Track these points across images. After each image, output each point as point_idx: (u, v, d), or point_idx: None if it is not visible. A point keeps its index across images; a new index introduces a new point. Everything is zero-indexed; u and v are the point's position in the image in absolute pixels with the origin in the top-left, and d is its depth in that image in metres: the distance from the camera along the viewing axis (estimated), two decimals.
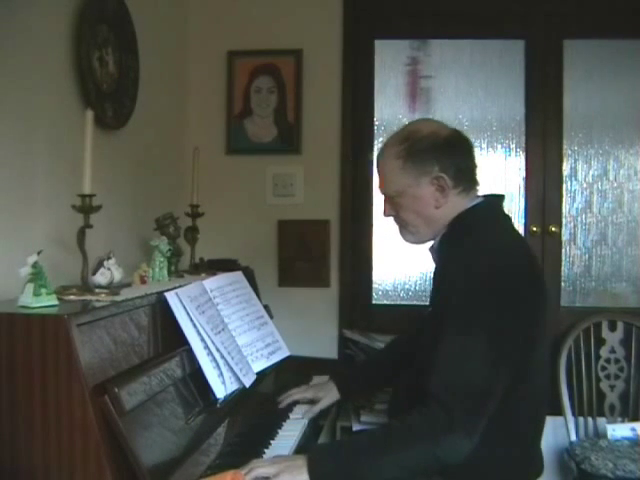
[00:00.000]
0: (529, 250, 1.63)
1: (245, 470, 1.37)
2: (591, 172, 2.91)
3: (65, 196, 1.62)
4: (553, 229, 2.88)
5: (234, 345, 1.76)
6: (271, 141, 2.90)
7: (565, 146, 2.89)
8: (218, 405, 1.62)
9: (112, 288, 1.58)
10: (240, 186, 2.91)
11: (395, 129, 2.86)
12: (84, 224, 1.53)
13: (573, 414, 2.66)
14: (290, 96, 2.88)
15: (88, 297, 1.49)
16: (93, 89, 1.95)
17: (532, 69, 2.89)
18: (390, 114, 2.96)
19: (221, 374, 1.63)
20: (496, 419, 1.45)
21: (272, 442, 1.66)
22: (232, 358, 1.68)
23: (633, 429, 2.56)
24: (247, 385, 1.72)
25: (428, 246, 1.73)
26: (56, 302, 1.39)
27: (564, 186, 2.90)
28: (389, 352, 2.07)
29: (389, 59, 2.96)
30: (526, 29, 2.89)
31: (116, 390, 1.23)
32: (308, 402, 1.93)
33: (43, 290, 1.36)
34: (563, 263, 2.90)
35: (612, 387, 2.72)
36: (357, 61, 2.90)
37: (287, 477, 1.37)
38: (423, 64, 2.97)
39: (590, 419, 2.68)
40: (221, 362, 1.63)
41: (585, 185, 2.92)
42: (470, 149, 1.66)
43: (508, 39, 2.91)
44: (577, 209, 2.92)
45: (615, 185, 2.91)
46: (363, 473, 1.40)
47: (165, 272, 1.96)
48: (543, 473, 1.64)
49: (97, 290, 1.54)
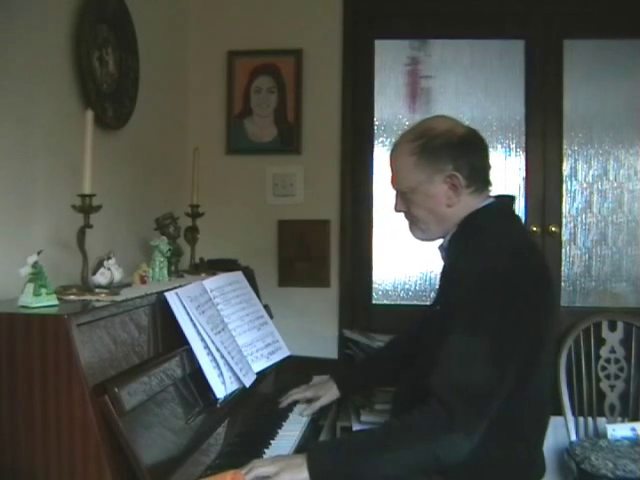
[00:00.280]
0: (539, 252, 1.61)
1: (245, 470, 1.37)
2: (591, 172, 2.91)
3: (65, 196, 1.62)
4: (553, 229, 2.87)
5: (234, 345, 1.76)
6: (271, 141, 2.90)
7: (565, 146, 2.89)
8: (218, 405, 1.62)
9: (112, 288, 1.58)
10: (240, 186, 2.91)
11: (395, 129, 2.94)
12: (84, 224, 1.54)
13: (573, 414, 2.66)
14: (290, 96, 2.88)
15: (88, 297, 1.49)
16: (93, 89, 1.95)
17: (532, 69, 2.89)
18: (390, 114, 2.96)
19: (221, 374, 1.63)
20: (500, 420, 1.45)
21: (272, 442, 1.66)
22: (232, 358, 1.68)
23: (633, 429, 2.56)
24: (247, 385, 1.72)
25: (429, 245, 1.73)
26: (56, 302, 1.39)
27: (564, 186, 2.90)
28: (389, 350, 2.07)
29: (389, 59, 2.96)
30: (526, 29, 2.89)
31: (116, 390, 1.23)
32: (308, 401, 1.93)
33: (43, 290, 1.36)
34: (563, 263, 2.90)
35: (612, 387, 2.72)
36: (357, 61, 2.90)
37: (287, 475, 1.37)
38: (423, 64, 2.97)
39: (590, 419, 2.68)
40: (221, 362, 1.64)
41: (585, 185, 2.92)
42: (485, 149, 1.65)
43: (508, 39, 2.91)
44: (577, 209, 2.92)
45: (615, 185, 2.91)
46: (362, 471, 1.40)
47: (165, 272, 1.96)
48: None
49: (97, 290, 1.54)
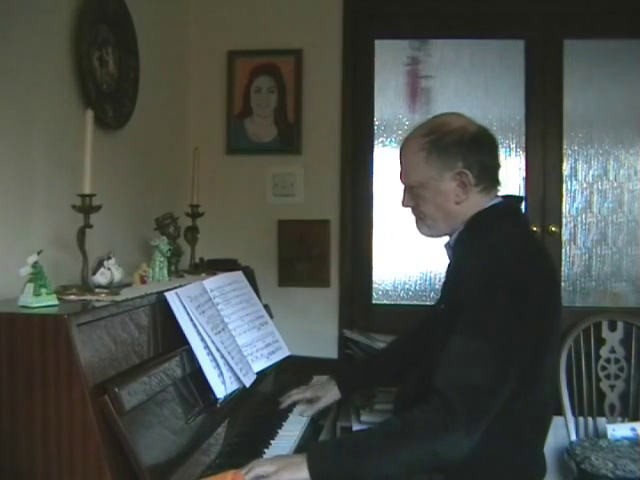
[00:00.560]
0: (546, 254, 1.60)
1: (245, 470, 1.37)
2: (591, 172, 2.91)
3: (65, 196, 1.62)
4: (553, 229, 2.88)
5: (234, 345, 1.76)
6: (271, 141, 2.90)
7: (565, 146, 2.89)
8: (218, 405, 1.62)
9: (112, 288, 1.58)
10: (240, 186, 2.91)
11: (395, 129, 2.94)
12: (84, 224, 1.54)
13: (573, 414, 2.66)
14: (290, 96, 2.88)
15: (88, 297, 1.49)
16: (93, 89, 1.94)
17: (532, 69, 2.89)
18: (390, 114, 2.96)
19: (221, 374, 1.63)
20: (502, 420, 1.44)
21: (272, 442, 1.66)
22: (232, 358, 1.68)
23: (633, 429, 2.56)
24: (247, 385, 1.72)
25: (430, 245, 1.72)
26: (56, 302, 1.39)
27: (564, 186, 2.90)
28: (390, 351, 2.07)
29: (389, 59, 2.96)
30: (526, 29, 2.89)
31: (116, 390, 1.23)
32: (308, 402, 1.93)
33: (43, 290, 1.36)
34: (563, 263, 2.90)
35: (612, 387, 2.72)
36: (357, 61, 2.90)
37: (287, 474, 1.37)
38: (423, 64, 2.97)
39: (590, 419, 2.68)
40: (221, 362, 1.63)
41: (585, 185, 2.92)
42: (496, 148, 1.64)
43: (508, 39, 2.91)
44: (577, 209, 2.92)
45: (615, 185, 2.91)
46: (363, 469, 1.39)
47: (165, 272, 1.96)
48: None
49: (97, 290, 1.54)
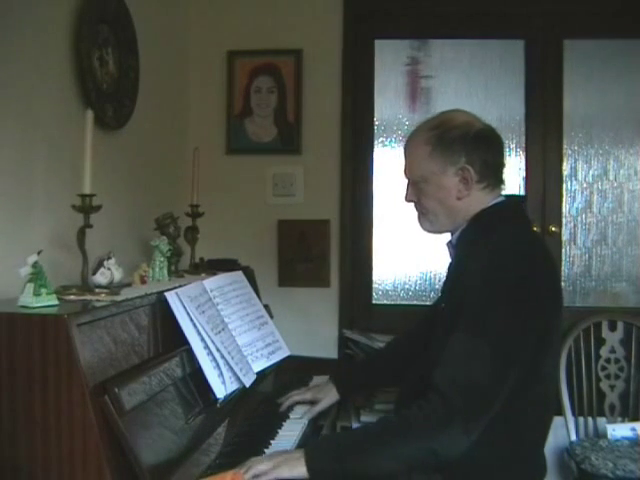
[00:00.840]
0: (549, 254, 1.59)
1: (243, 469, 1.37)
2: (591, 172, 2.91)
3: (65, 196, 1.62)
4: (553, 229, 2.87)
5: (234, 345, 1.76)
6: (271, 141, 2.90)
7: (565, 146, 2.89)
8: (218, 405, 1.62)
9: (112, 288, 1.58)
10: (240, 186, 2.91)
11: (395, 129, 2.94)
12: (84, 224, 1.54)
13: (573, 414, 2.65)
14: (290, 96, 2.88)
15: (88, 297, 1.49)
16: (93, 89, 1.94)
17: (532, 69, 2.88)
18: (390, 114, 2.96)
19: (221, 374, 1.63)
20: (502, 421, 1.44)
21: (272, 442, 1.66)
22: (232, 358, 1.68)
23: (633, 429, 2.56)
24: (247, 385, 1.72)
25: (430, 245, 1.73)
26: (56, 302, 1.39)
27: (564, 186, 2.90)
28: (389, 351, 2.07)
29: (389, 59, 2.96)
30: (526, 29, 2.89)
31: (116, 390, 1.23)
32: (308, 403, 1.93)
33: (43, 290, 1.36)
34: (563, 263, 2.90)
35: (612, 387, 2.72)
36: (357, 61, 2.90)
37: (285, 469, 1.38)
38: (423, 64, 2.97)
39: (590, 419, 2.68)
40: (221, 362, 1.63)
41: (585, 185, 2.92)
42: (500, 146, 1.64)
43: (508, 39, 2.91)
44: (577, 209, 2.92)
45: (615, 185, 2.91)
46: (361, 466, 1.40)
47: (165, 272, 1.96)
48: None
49: (97, 290, 1.54)
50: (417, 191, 1.64)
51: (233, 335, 1.80)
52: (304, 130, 2.88)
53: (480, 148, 1.58)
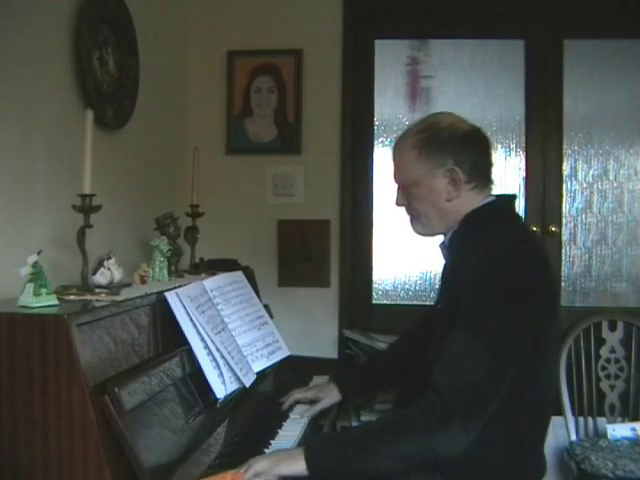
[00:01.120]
0: (542, 252, 1.61)
1: (243, 468, 1.38)
2: (591, 172, 2.91)
3: (65, 196, 1.62)
4: (553, 229, 2.87)
5: (234, 345, 1.76)
6: (271, 141, 2.90)
7: (565, 146, 2.89)
8: (218, 405, 1.62)
9: (112, 288, 1.58)
10: (240, 186, 2.91)
11: (395, 129, 2.94)
12: (84, 224, 1.54)
13: (573, 414, 2.65)
14: (290, 96, 2.88)
15: (88, 297, 1.49)
16: (93, 89, 1.94)
17: (532, 69, 2.88)
18: (390, 114, 2.96)
19: (221, 374, 1.63)
20: (502, 420, 1.45)
21: (272, 442, 1.66)
22: (232, 358, 1.68)
23: (633, 429, 2.55)
24: (247, 385, 1.72)
25: (430, 245, 1.72)
26: (56, 302, 1.39)
27: (564, 186, 2.90)
28: (391, 353, 2.07)
29: (389, 59, 2.96)
30: (526, 29, 2.88)
31: (116, 390, 1.23)
32: (309, 402, 1.94)
33: (43, 290, 1.36)
34: (563, 263, 2.90)
35: (612, 387, 2.72)
36: (357, 61, 2.90)
37: (285, 467, 1.40)
38: (423, 64, 2.97)
39: (590, 419, 2.68)
40: (221, 362, 1.63)
41: (585, 185, 2.92)
42: (487, 147, 1.65)
43: (508, 39, 2.91)
44: (577, 209, 2.91)
45: (615, 185, 2.91)
46: (360, 464, 1.41)
47: (165, 272, 1.96)
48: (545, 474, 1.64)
49: (97, 290, 1.54)
50: (407, 195, 1.65)
51: (233, 335, 1.80)
52: (304, 130, 2.88)
53: (467, 149, 1.59)
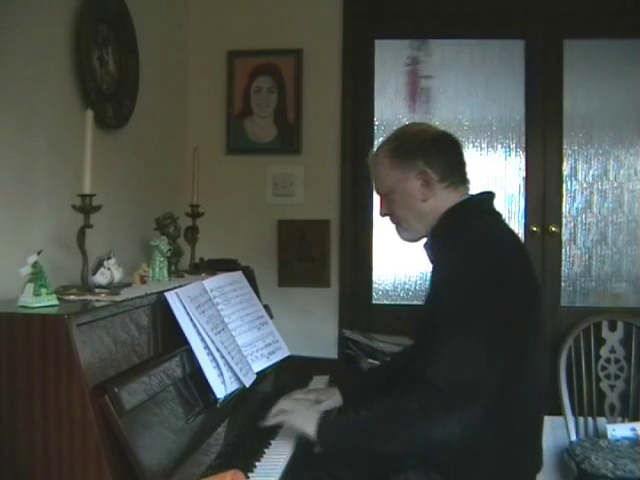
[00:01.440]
0: (521, 244, 1.67)
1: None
2: (591, 172, 2.91)
3: (65, 196, 1.62)
4: (553, 229, 2.87)
5: (234, 345, 1.76)
6: (271, 141, 2.90)
7: (565, 146, 2.89)
8: (218, 405, 1.61)
9: (112, 288, 1.58)
10: (240, 186, 2.91)
11: (395, 129, 2.91)
12: (84, 224, 1.54)
13: (573, 414, 2.65)
14: (290, 96, 2.88)
15: (88, 297, 1.49)
16: (93, 89, 1.95)
17: (532, 69, 2.89)
18: (390, 114, 2.96)
19: (221, 374, 1.63)
20: (493, 417, 1.48)
21: (272, 442, 1.66)
22: (232, 358, 1.68)
23: (633, 429, 2.56)
24: (247, 385, 1.71)
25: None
26: (56, 302, 1.39)
27: (564, 186, 2.90)
28: (395, 362, 2.07)
29: (389, 59, 2.96)
30: (526, 29, 2.89)
31: (116, 390, 1.23)
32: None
33: (43, 290, 1.36)
34: (563, 263, 2.90)
35: (612, 387, 2.72)
36: (357, 61, 2.90)
37: (299, 422, 1.61)
38: (423, 64, 2.97)
39: (590, 419, 2.68)
40: (221, 362, 1.63)
41: (585, 185, 2.92)
42: (457, 148, 1.71)
43: (508, 39, 2.91)
44: (577, 209, 2.92)
45: (615, 185, 2.91)
46: (361, 446, 1.56)
47: (165, 272, 1.96)
48: (543, 471, 1.65)
49: (97, 290, 1.54)
50: (388, 203, 1.72)
51: (233, 335, 1.80)
52: (304, 130, 2.88)
53: (436, 150, 1.66)
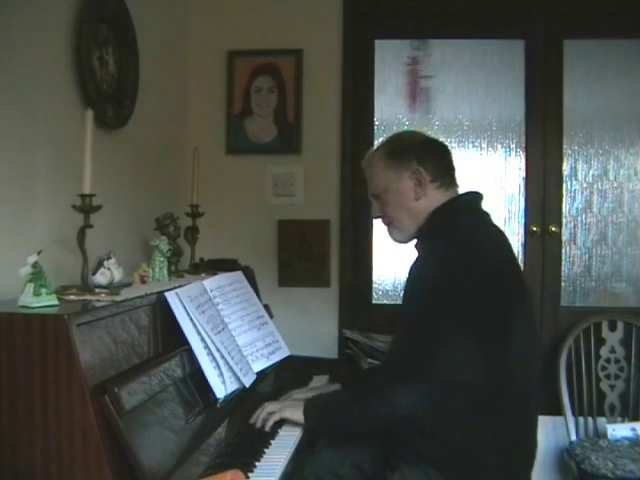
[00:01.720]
0: (507, 246, 1.71)
1: (259, 410, 1.73)
2: (591, 172, 2.91)
3: (65, 196, 1.62)
4: (553, 229, 2.87)
5: (234, 345, 1.76)
6: (271, 141, 2.90)
7: (565, 146, 2.89)
8: (218, 405, 1.62)
9: (112, 288, 1.58)
10: (240, 186, 2.91)
11: (395, 129, 2.94)
12: (84, 224, 1.54)
13: (573, 414, 2.65)
14: (290, 96, 2.88)
15: (88, 297, 1.49)
16: (93, 89, 1.95)
17: (532, 69, 2.88)
18: (390, 114, 2.96)
19: (221, 374, 1.63)
20: (483, 411, 1.53)
21: (272, 442, 1.66)
22: (232, 358, 1.68)
23: (633, 429, 2.55)
24: (247, 385, 1.72)
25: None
26: (56, 302, 1.39)
27: (564, 186, 2.90)
28: None
29: (389, 59, 2.96)
30: (526, 29, 2.88)
31: (116, 390, 1.23)
32: None
33: (43, 290, 1.36)
34: (563, 263, 2.90)
35: (612, 387, 2.72)
36: (357, 61, 2.90)
37: (289, 413, 1.72)
38: (423, 64, 2.97)
39: (590, 419, 2.68)
40: (221, 362, 1.63)
41: (585, 185, 2.91)
42: (447, 152, 1.80)
43: (508, 39, 2.91)
44: (577, 209, 2.91)
45: (615, 185, 2.91)
46: (340, 424, 1.71)
47: (165, 272, 1.96)
48: (544, 471, 1.65)
49: (97, 290, 1.54)
50: (381, 204, 1.78)
51: (233, 335, 1.80)
52: (304, 130, 2.88)
53: (429, 152, 1.75)
